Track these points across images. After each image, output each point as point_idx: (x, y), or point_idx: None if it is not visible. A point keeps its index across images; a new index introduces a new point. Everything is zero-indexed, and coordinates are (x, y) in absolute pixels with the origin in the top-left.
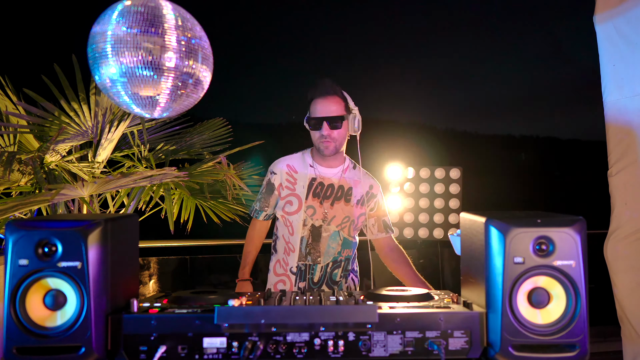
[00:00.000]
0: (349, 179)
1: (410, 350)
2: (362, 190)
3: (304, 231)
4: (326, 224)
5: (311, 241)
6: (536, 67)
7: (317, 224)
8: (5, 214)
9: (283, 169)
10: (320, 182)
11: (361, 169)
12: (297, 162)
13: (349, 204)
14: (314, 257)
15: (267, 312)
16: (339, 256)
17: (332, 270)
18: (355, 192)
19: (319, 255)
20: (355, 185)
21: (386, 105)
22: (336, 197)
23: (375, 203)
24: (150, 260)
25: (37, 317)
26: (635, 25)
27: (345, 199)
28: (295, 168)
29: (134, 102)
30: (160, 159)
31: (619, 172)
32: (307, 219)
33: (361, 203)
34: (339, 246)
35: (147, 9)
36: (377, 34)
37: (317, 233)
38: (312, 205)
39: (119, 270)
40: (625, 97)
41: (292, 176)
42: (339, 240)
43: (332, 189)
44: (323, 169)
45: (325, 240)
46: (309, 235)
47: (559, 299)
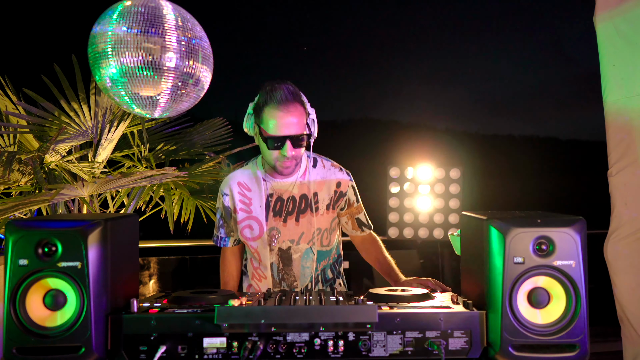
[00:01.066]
0: (310, 183)
1: (410, 350)
2: (329, 192)
3: (272, 256)
4: (295, 244)
5: (282, 266)
6: (536, 67)
7: (284, 247)
8: (5, 214)
9: (234, 189)
10: (279, 197)
11: (324, 162)
12: (248, 177)
13: (318, 213)
14: (289, 283)
15: (267, 312)
16: (317, 271)
17: (315, 286)
18: (322, 196)
19: (294, 280)
20: (320, 188)
21: (386, 105)
22: (300, 211)
23: (344, 201)
24: (150, 260)
25: (37, 317)
26: (635, 25)
27: (310, 210)
28: (247, 185)
29: (134, 102)
30: (160, 159)
31: (619, 172)
32: (270, 242)
33: (332, 207)
34: (314, 262)
35: (147, 9)
36: (377, 34)
37: (287, 257)
38: (274, 227)
39: (119, 270)
40: (625, 97)
41: (246, 196)
42: (312, 257)
43: (294, 201)
44: (278, 180)
45: (298, 262)
46: (279, 261)
47: (559, 299)
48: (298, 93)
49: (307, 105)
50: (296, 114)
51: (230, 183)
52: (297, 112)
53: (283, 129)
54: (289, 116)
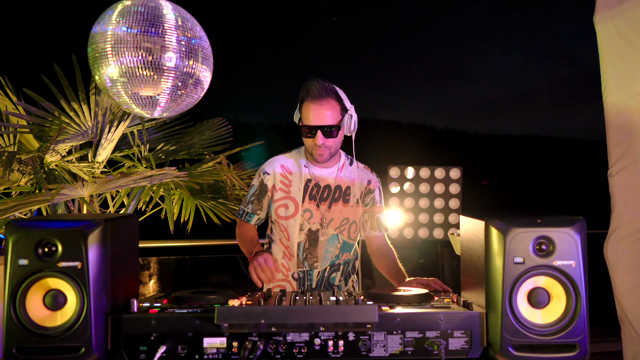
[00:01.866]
0: (345, 178)
1: (410, 350)
2: (360, 188)
3: (301, 236)
4: (323, 228)
5: (308, 246)
6: (536, 67)
7: (314, 228)
8: (5, 214)
9: (277, 169)
10: (316, 184)
11: (359, 164)
12: (291, 162)
13: (348, 204)
14: (310, 262)
15: (267, 312)
16: (337, 260)
17: (330, 275)
18: (354, 190)
19: (316, 260)
20: (353, 183)
21: (386, 105)
22: (333, 199)
23: (371, 199)
24: (150, 260)
25: (37, 317)
26: (635, 25)
27: (343, 200)
28: (289, 169)
29: (134, 102)
30: (160, 159)
31: (619, 172)
32: (303, 223)
33: (360, 201)
34: (337, 249)
35: (147, 9)
36: (378, 34)
37: (314, 237)
38: (308, 209)
39: (119, 270)
40: (625, 97)
41: (287, 178)
42: (337, 244)
43: (329, 190)
44: (318, 170)
45: (323, 245)
46: (306, 240)
47: (559, 299)
48: (333, 89)
49: (344, 102)
50: (328, 107)
51: (274, 164)
52: (329, 106)
53: (315, 119)
54: (322, 109)
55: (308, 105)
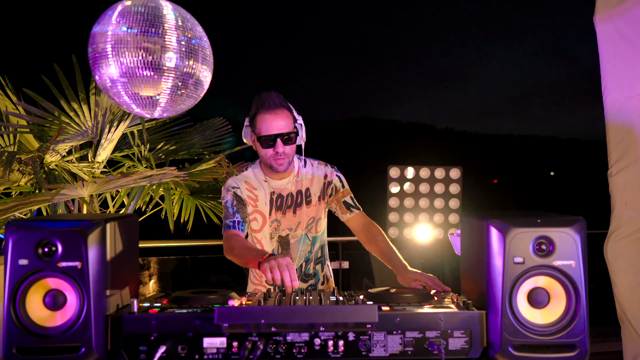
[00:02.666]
0: (303, 180)
1: (410, 350)
2: (319, 185)
3: (272, 244)
4: (292, 232)
5: (281, 250)
6: (536, 67)
7: (283, 234)
8: (5, 214)
9: (242, 184)
10: (279, 194)
11: (312, 162)
12: (252, 179)
13: (310, 205)
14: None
15: (267, 312)
16: (310, 254)
17: (306, 267)
18: (313, 190)
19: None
20: (311, 183)
21: (386, 105)
22: (297, 204)
23: (332, 189)
24: (150, 260)
25: (37, 317)
26: (635, 25)
27: (305, 202)
28: (252, 185)
29: (134, 102)
30: (160, 159)
31: (619, 172)
32: (272, 232)
33: (322, 197)
34: (308, 246)
35: (147, 9)
36: (377, 34)
37: (285, 242)
38: (276, 219)
39: (119, 270)
40: (625, 97)
41: (253, 192)
42: (308, 241)
43: (291, 197)
44: (277, 182)
45: (295, 246)
46: (278, 247)
47: (559, 299)
48: (285, 101)
49: (294, 112)
50: (283, 117)
51: (237, 181)
52: (284, 115)
53: (273, 129)
54: (278, 118)
55: (264, 116)
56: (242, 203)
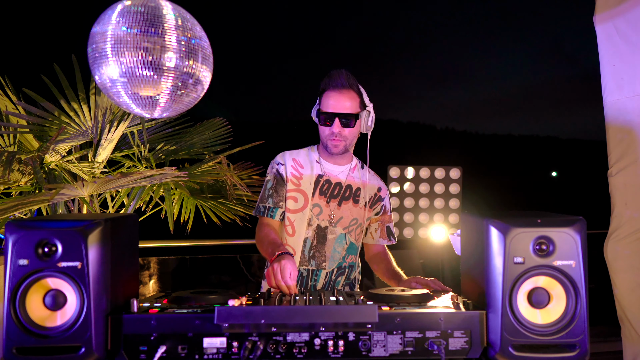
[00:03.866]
0: (357, 179)
1: (410, 350)
2: (370, 192)
3: (309, 231)
4: (332, 226)
5: (316, 243)
6: (536, 67)
7: (322, 225)
8: (5, 214)
9: (289, 161)
10: (327, 180)
11: (369, 169)
12: (302, 157)
13: (357, 205)
14: (318, 262)
15: (267, 312)
16: (344, 262)
17: (336, 278)
18: (364, 193)
19: (324, 260)
20: (364, 186)
21: (386, 105)
22: (344, 197)
23: (381, 207)
24: (150, 260)
25: (37, 317)
26: (635, 25)
27: (353, 200)
28: (300, 163)
29: (134, 102)
30: (160, 159)
31: (619, 172)
32: (312, 218)
33: (370, 205)
34: (344, 250)
35: (147, 9)
36: (377, 34)
37: (323, 235)
38: (318, 204)
39: (119, 270)
40: (625, 97)
41: (298, 171)
42: (345, 245)
43: (340, 187)
44: (330, 165)
45: (331, 243)
46: (314, 237)
47: (559, 299)
48: (355, 83)
49: (364, 97)
50: (348, 98)
51: (285, 157)
52: (349, 96)
53: (334, 107)
54: (342, 97)
55: (329, 94)
56: (280, 184)
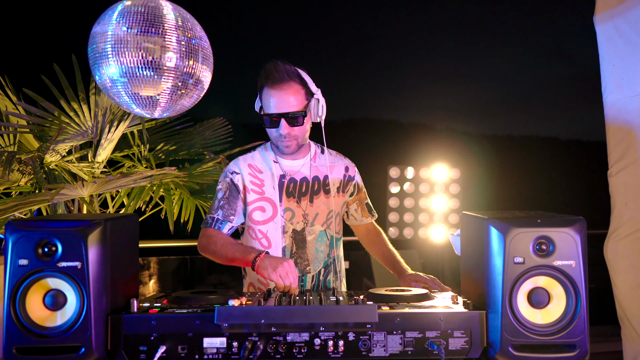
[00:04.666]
0: (321, 167)
1: (410, 350)
2: (338, 175)
3: (285, 239)
4: (309, 226)
5: (295, 249)
6: (536, 66)
7: (298, 228)
8: (5, 214)
9: (245, 168)
10: (292, 178)
11: (330, 151)
12: (258, 160)
13: (329, 195)
14: (302, 268)
15: (267, 312)
16: (329, 259)
17: (325, 278)
18: (332, 179)
19: (307, 264)
20: (330, 171)
21: (386, 105)
22: (313, 192)
23: (354, 186)
24: (150, 260)
25: (37, 317)
26: (635, 25)
27: (324, 191)
28: (257, 167)
29: (134, 102)
30: (160, 159)
31: (619, 172)
32: (285, 224)
33: (342, 190)
34: (327, 247)
35: (147, 9)
36: (377, 33)
37: (301, 239)
38: (289, 208)
39: (119, 270)
40: (625, 97)
41: (257, 177)
42: (327, 241)
43: (307, 182)
44: (289, 162)
45: (312, 245)
46: (292, 244)
47: (559, 299)
48: (295, 72)
49: (309, 85)
50: (291, 92)
51: (239, 163)
52: (291, 90)
53: (277, 107)
54: (284, 94)
55: (268, 92)
56: (234, 195)
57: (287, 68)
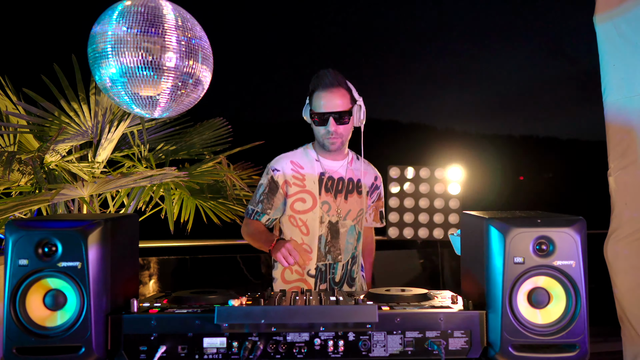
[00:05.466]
0: (356, 171)
1: (410, 350)
2: (368, 182)
3: (322, 229)
4: (342, 219)
5: (330, 239)
6: (536, 67)
7: (333, 220)
8: (5, 214)
9: (286, 165)
10: (330, 176)
11: (364, 160)
12: (301, 157)
13: (361, 196)
14: (334, 256)
15: (267, 312)
16: (355, 251)
17: (351, 267)
18: (364, 183)
19: (339, 253)
20: (363, 176)
21: (386, 105)
22: (348, 190)
23: (377, 195)
24: (150, 260)
25: (37, 317)
26: (635, 25)
27: (357, 192)
28: (300, 164)
29: (134, 102)
30: (160, 159)
31: (619, 172)
32: (323, 215)
33: (369, 194)
34: (355, 241)
35: (147, 9)
36: (377, 33)
37: (335, 230)
38: (326, 201)
39: (119, 270)
40: (625, 97)
41: (299, 172)
42: (355, 235)
43: (343, 182)
44: (329, 162)
45: (344, 237)
46: (327, 233)
47: (559, 299)
48: (343, 80)
49: (353, 92)
50: (339, 96)
51: (282, 161)
52: (340, 94)
53: (327, 107)
54: (333, 97)
55: (319, 94)
56: (273, 191)
57: (336, 75)
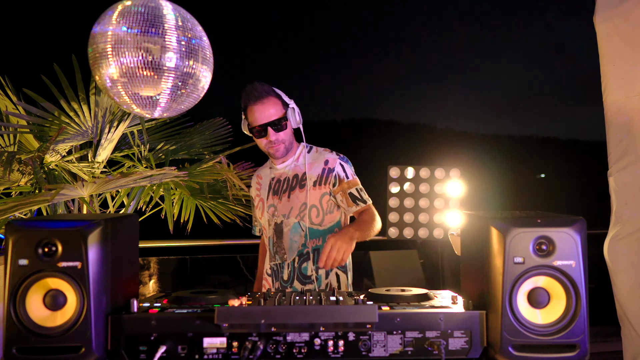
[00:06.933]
0: (302, 165)
1: (410, 350)
2: (317, 170)
3: (269, 231)
4: (286, 218)
5: (275, 239)
6: (536, 67)
7: (278, 221)
8: (5, 214)
9: (254, 179)
10: (278, 179)
11: (318, 149)
12: (262, 169)
13: (304, 189)
14: (280, 255)
15: (267, 312)
16: (304, 248)
17: (301, 265)
18: (310, 174)
19: (284, 253)
20: (309, 167)
21: (386, 105)
22: (291, 188)
23: (334, 177)
24: (150, 260)
25: (37, 317)
26: (635, 25)
27: (299, 186)
28: (261, 175)
29: (134, 102)
30: (160, 159)
31: (619, 172)
32: (270, 218)
33: (320, 183)
34: (301, 238)
35: (147, 9)
36: (377, 33)
37: (279, 230)
38: (272, 204)
39: (119, 270)
40: (625, 97)
41: (260, 183)
42: (301, 232)
43: (287, 180)
44: (279, 165)
45: (287, 235)
46: (273, 234)
47: (559, 299)
48: (270, 89)
49: (283, 97)
50: (271, 104)
51: (253, 176)
52: (271, 103)
53: (262, 118)
54: (266, 108)
55: (252, 108)
56: (254, 205)
57: (263, 86)
